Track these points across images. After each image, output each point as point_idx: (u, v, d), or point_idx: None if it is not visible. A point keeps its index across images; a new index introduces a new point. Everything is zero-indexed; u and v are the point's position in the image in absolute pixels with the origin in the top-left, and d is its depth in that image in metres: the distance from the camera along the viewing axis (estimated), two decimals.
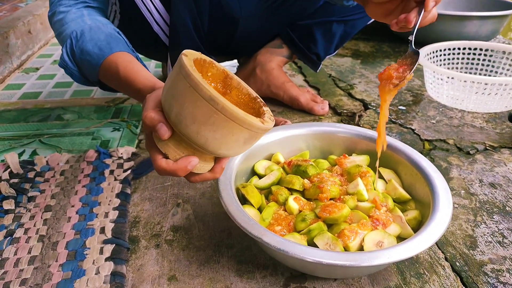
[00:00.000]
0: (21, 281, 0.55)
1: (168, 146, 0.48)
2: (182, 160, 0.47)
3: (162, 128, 0.46)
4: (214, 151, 0.46)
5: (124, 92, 0.66)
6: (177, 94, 0.44)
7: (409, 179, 0.65)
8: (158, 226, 0.66)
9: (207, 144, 0.45)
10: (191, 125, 0.44)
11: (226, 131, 0.44)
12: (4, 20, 1.42)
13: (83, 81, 0.71)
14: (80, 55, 0.65)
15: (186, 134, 0.45)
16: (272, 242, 0.48)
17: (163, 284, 0.55)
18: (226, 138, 0.44)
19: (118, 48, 0.63)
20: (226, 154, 0.47)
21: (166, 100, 0.46)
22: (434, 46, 1.17)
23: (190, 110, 0.43)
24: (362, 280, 0.56)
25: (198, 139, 0.44)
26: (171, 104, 0.45)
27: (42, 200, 0.70)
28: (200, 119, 0.43)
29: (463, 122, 0.99)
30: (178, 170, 0.47)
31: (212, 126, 0.43)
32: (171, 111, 0.45)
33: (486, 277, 0.57)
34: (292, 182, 0.63)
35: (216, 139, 0.44)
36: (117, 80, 0.62)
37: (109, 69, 0.62)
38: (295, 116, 1.02)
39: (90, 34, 0.64)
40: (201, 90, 0.42)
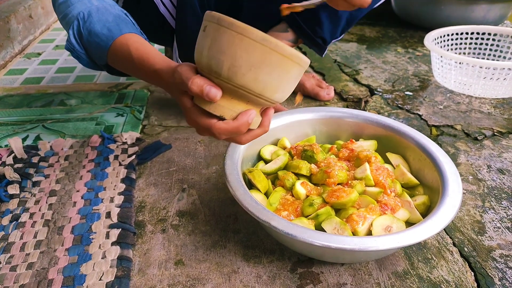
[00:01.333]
0: (27, 265, 0.55)
1: (221, 106, 0.46)
2: (241, 115, 0.46)
3: (213, 89, 0.45)
4: (271, 96, 0.46)
5: (134, 73, 0.63)
6: (225, 47, 0.43)
7: (417, 164, 0.64)
8: (164, 211, 0.65)
9: (265, 89, 0.44)
10: (247, 73, 0.43)
11: (281, 70, 0.44)
12: (5, 5, 1.40)
13: (90, 65, 0.69)
14: (88, 37, 0.63)
15: (244, 84, 0.44)
16: (280, 226, 0.48)
17: (170, 268, 0.55)
18: (282, 77, 0.44)
19: (128, 30, 0.61)
20: (281, 98, 0.47)
21: (212, 58, 0.44)
22: (441, 31, 1.15)
23: (244, 58, 0.42)
24: (370, 265, 0.56)
25: (256, 86, 0.44)
26: (219, 59, 0.43)
27: (47, 185, 0.70)
28: (256, 63, 0.43)
29: (470, 107, 0.98)
30: (241, 126, 0.46)
31: (268, 68, 0.43)
32: (222, 66, 0.43)
33: (495, 262, 0.56)
34: (299, 167, 0.62)
35: (273, 80, 0.44)
36: (128, 62, 0.59)
37: (120, 50, 0.60)
38: None
39: (98, 15, 0.62)
40: (251, 33, 0.42)
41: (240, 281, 0.53)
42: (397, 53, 1.33)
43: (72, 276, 0.53)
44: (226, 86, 0.45)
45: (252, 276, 0.54)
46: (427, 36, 1.09)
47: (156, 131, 0.88)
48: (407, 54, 1.33)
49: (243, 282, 0.53)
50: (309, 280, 0.53)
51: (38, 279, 0.53)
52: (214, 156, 0.79)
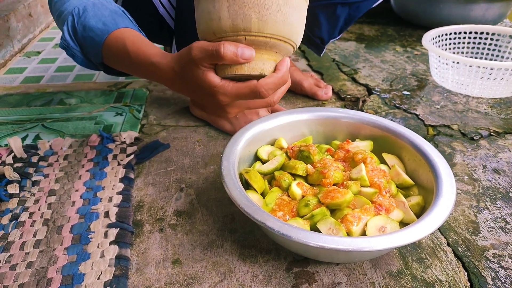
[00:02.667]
0: (27, 264, 0.55)
1: (256, 64, 0.46)
2: (280, 64, 0.46)
3: (246, 49, 0.44)
4: (296, 39, 0.47)
5: (129, 68, 0.61)
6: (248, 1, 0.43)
7: (412, 165, 0.65)
8: (161, 211, 0.66)
9: (292, 32, 0.45)
10: (277, 17, 0.43)
11: (300, 9, 0.45)
12: (5, 3, 1.41)
13: (85, 63, 0.67)
14: (82, 32, 0.61)
15: (275, 31, 0.44)
16: (275, 227, 0.49)
17: (167, 267, 0.56)
18: (301, 16, 0.46)
19: (124, 24, 0.60)
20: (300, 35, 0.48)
21: (237, 15, 0.43)
22: (439, 30, 1.15)
23: (270, 3, 0.43)
24: (364, 264, 0.56)
25: (286, 30, 0.45)
26: (245, 14, 0.43)
27: (46, 185, 0.71)
28: (281, 6, 0.43)
29: (467, 107, 0.99)
30: (285, 75, 0.47)
31: (291, 9, 0.44)
32: (251, 20, 0.43)
33: (488, 262, 0.57)
34: (295, 167, 0.62)
35: (296, 22, 0.45)
36: (124, 56, 0.58)
37: (115, 44, 0.58)
38: (298, 101, 1.01)
39: (93, 10, 0.61)
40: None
41: (237, 280, 0.54)
42: (396, 52, 1.34)
43: (71, 275, 0.54)
44: (257, 40, 0.44)
45: (248, 275, 0.55)
46: (425, 35, 1.09)
47: (154, 131, 0.88)
48: (406, 53, 1.33)
49: (240, 281, 0.54)
50: (305, 279, 0.54)
51: (37, 278, 0.53)
52: (212, 156, 0.80)
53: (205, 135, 0.86)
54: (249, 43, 0.44)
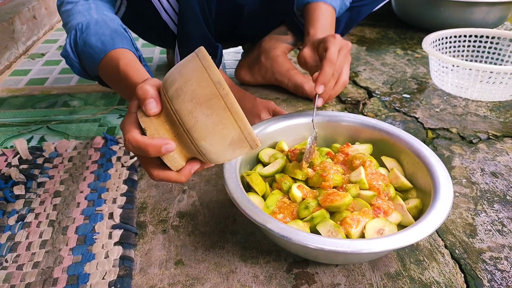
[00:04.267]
0: (33, 264, 0.57)
1: (151, 122, 0.46)
2: (159, 139, 0.44)
3: (153, 103, 0.44)
4: (197, 140, 0.44)
5: (118, 89, 0.64)
6: (186, 71, 0.44)
7: (411, 168, 0.66)
8: (164, 212, 0.67)
9: (195, 128, 0.44)
10: (188, 102, 0.43)
11: (219, 121, 0.43)
12: (9, 6, 1.42)
13: (82, 74, 0.71)
14: (82, 47, 0.65)
15: (179, 110, 0.44)
16: (276, 229, 0.50)
17: (170, 268, 0.57)
18: (216, 128, 0.44)
19: (121, 45, 0.63)
20: (206, 149, 0.45)
21: (171, 75, 0.45)
22: (439, 34, 1.16)
23: (193, 87, 0.43)
24: (363, 266, 0.58)
25: (189, 120, 0.43)
26: (175, 78, 0.44)
27: (51, 186, 0.72)
28: (200, 98, 0.43)
29: (467, 110, 1.00)
30: (150, 147, 0.44)
31: (208, 110, 0.43)
32: (172, 85, 0.44)
33: (485, 264, 0.58)
34: (295, 171, 0.64)
35: (205, 125, 0.43)
36: (115, 75, 0.60)
37: (109, 63, 0.61)
38: (300, 103, 1.03)
39: (95, 28, 0.64)
40: (212, 71, 0.43)
41: (238, 281, 0.55)
42: (396, 55, 1.35)
43: (76, 275, 0.55)
44: (167, 106, 0.45)
45: (249, 276, 0.56)
46: (425, 39, 1.10)
47: None
48: (406, 56, 1.34)
49: (241, 282, 0.55)
50: (304, 280, 0.55)
51: (43, 277, 0.55)
52: None
53: None
54: (163, 105, 0.46)
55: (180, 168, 0.48)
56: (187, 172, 0.48)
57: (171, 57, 1.24)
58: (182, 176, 0.48)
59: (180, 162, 0.48)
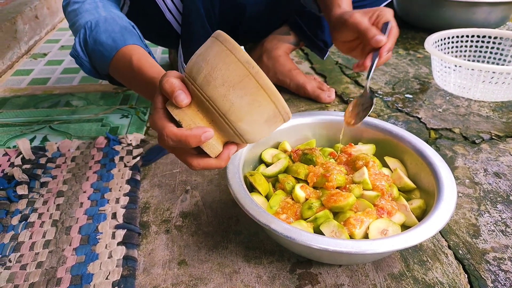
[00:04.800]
0: (36, 264, 0.57)
1: (184, 113, 0.46)
2: (197, 128, 0.44)
3: (182, 94, 0.44)
4: (235, 122, 0.45)
5: (132, 85, 0.64)
6: (211, 57, 0.44)
7: (414, 168, 0.66)
8: (167, 212, 0.67)
9: (231, 111, 0.44)
10: (220, 86, 0.43)
11: (253, 99, 0.43)
12: (11, 5, 1.43)
13: (92, 73, 0.70)
14: (93, 46, 0.64)
15: (212, 96, 0.44)
16: (279, 229, 0.50)
17: (173, 268, 0.57)
18: (252, 107, 0.44)
19: (132, 41, 0.63)
20: (244, 130, 0.45)
21: (195, 63, 0.45)
22: (442, 34, 1.16)
23: (222, 72, 0.43)
24: (367, 266, 0.58)
25: (224, 103, 0.44)
26: (200, 66, 0.44)
27: (55, 186, 0.72)
28: (231, 81, 0.43)
29: (469, 111, 0.99)
30: (191, 137, 0.44)
31: (241, 91, 0.43)
32: (200, 73, 0.44)
33: (488, 265, 0.58)
34: (298, 172, 0.64)
35: (241, 107, 0.44)
36: (128, 72, 0.61)
37: (122, 60, 0.61)
38: (302, 103, 1.03)
39: (105, 25, 0.64)
40: (238, 53, 0.43)
41: (241, 281, 0.55)
42: (398, 55, 1.35)
43: (79, 275, 0.55)
44: (197, 95, 0.45)
45: (253, 276, 0.56)
46: (428, 39, 1.10)
47: None
48: (408, 56, 1.34)
49: (244, 282, 0.55)
50: (308, 280, 0.55)
51: (47, 277, 0.55)
52: None
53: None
54: (192, 94, 0.46)
55: (218, 153, 0.49)
56: (225, 156, 0.49)
57: (173, 57, 1.24)
58: (222, 161, 0.49)
59: (218, 148, 0.48)
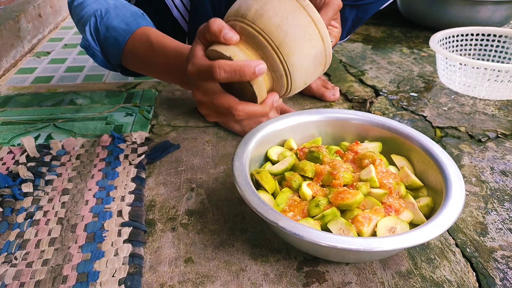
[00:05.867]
0: (42, 262, 0.57)
1: (234, 49, 0.45)
2: (252, 60, 0.44)
3: (231, 31, 0.44)
4: (288, 55, 0.44)
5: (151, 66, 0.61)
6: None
7: (421, 166, 0.66)
8: (173, 210, 0.67)
9: (285, 42, 0.44)
10: (274, 17, 0.43)
11: (306, 32, 0.44)
12: (15, 4, 1.43)
13: (104, 63, 0.69)
14: (105, 33, 0.63)
15: (265, 28, 0.44)
16: (287, 227, 0.50)
17: (180, 265, 0.57)
18: (304, 39, 0.44)
19: (145, 23, 0.62)
20: (295, 65, 0.45)
21: (242, 3, 0.45)
22: (446, 32, 1.16)
23: (274, 5, 0.43)
24: (374, 264, 0.57)
25: (278, 34, 0.44)
26: (250, 4, 0.44)
27: (60, 184, 0.72)
28: (285, 12, 0.43)
29: (475, 109, 0.99)
30: (246, 67, 0.43)
31: (295, 21, 0.43)
32: (250, 9, 0.44)
33: (496, 263, 0.58)
34: (304, 169, 0.63)
35: (295, 37, 0.44)
36: (147, 51, 0.58)
37: (138, 41, 0.59)
38: (306, 102, 1.02)
39: (115, 11, 0.63)
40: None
41: (248, 279, 0.55)
42: (402, 54, 1.34)
43: (86, 273, 0.55)
44: (248, 31, 0.45)
45: (260, 274, 0.56)
46: (433, 37, 1.10)
47: (164, 131, 0.89)
48: (412, 54, 1.34)
49: (251, 280, 0.55)
50: (315, 278, 0.55)
51: (53, 275, 0.55)
52: (222, 156, 0.81)
53: (214, 136, 0.88)
54: (241, 31, 0.45)
55: (264, 98, 0.48)
56: (270, 102, 0.48)
57: None
58: (267, 107, 0.48)
59: (265, 91, 0.47)
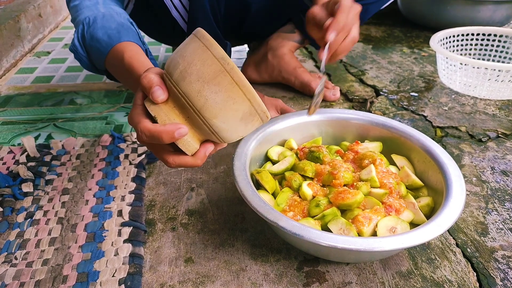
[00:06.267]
0: (43, 261, 0.57)
1: (160, 109, 0.46)
2: (171, 124, 0.44)
3: (159, 90, 0.44)
4: (209, 119, 0.44)
5: (125, 82, 0.64)
6: (187, 53, 0.44)
7: (421, 166, 0.66)
8: (173, 210, 0.67)
9: (205, 107, 0.44)
10: (195, 82, 0.43)
11: (228, 96, 0.43)
12: (15, 4, 1.42)
13: (90, 68, 0.71)
14: (90, 41, 0.65)
15: (187, 92, 0.44)
16: (287, 226, 0.50)
17: (180, 265, 0.57)
18: (226, 104, 0.44)
19: (127, 38, 0.63)
20: (219, 127, 0.45)
21: (173, 59, 0.45)
22: (447, 32, 1.16)
23: (197, 67, 0.43)
24: (374, 264, 0.57)
25: (198, 99, 0.43)
26: (177, 62, 0.44)
27: (60, 183, 0.72)
28: (206, 77, 0.43)
29: (475, 109, 0.99)
30: (164, 133, 0.44)
31: (216, 87, 0.43)
32: (176, 69, 0.44)
33: (497, 263, 0.57)
34: (305, 169, 0.63)
35: (216, 103, 0.43)
36: (120, 69, 0.61)
37: (115, 57, 0.61)
38: (306, 102, 1.02)
39: (102, 22, 0.64)
40: (214, 49, 0.43)
41: (248, 278, 0.55)
42: (403, 53, 1.34)
43: (86, 273, 0.55)
44: (174, 91, 0.45)
45: (260, 274, 0.56)
46: (433, 37, 1.09)
47: None
48: (413, 54, 1.34)
49: (251, 279, 0.55)
50: (315, 278, 0.55)
51: (53, 275, 0.55)
52: (222, 156, 0.81)
53: None
54: (169, 90, 0.46)
55: (195, 151, 0.48)
56: (202, 155, 0.48)
57: None
58: (198, 160, 0.48)
59: (194, 146, 0.48)
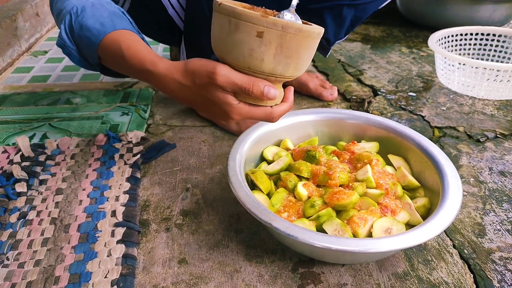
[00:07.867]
0: (35, 262, 0.56)
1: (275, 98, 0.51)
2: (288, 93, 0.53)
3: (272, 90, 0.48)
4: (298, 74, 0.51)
5: (125, 72, 0.61)
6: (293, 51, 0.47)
7: (418, 166, 0.65)
8: (168, 210, 0.66)
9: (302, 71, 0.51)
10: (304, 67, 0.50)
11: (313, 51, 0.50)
12: (12, 3, 1.42)
13: (81, 63, 0.65)
14: (79, 32, 0.60)
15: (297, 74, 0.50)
16: (281, 227, 0.49)
17: (173, 267, 0.56)
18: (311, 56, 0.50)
19: (122, 25, 0.58)
20: None
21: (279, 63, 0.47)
22: (445, 32, 1.15)
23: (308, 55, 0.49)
24: (370, 265, 0.56)
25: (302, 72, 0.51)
26: (287, 63, 0.47)
27: (54, 183, 0.71)
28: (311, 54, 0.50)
29: (473, 109, 0.98)
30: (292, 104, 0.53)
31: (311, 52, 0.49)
32: (289, 68, 0.48)
33: (494, 264, 0.57)
34: (300, 169, 0.63)
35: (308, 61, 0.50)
36: (119, 59, 0.57)
37: (111, 47, 0.58)
38: (304, 101, 1.02)
39: (92, 10, 0.60)
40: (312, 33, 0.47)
41: (242, 280, 0.54)
42: (401, 53, 1.34)
43: (78, 274, 0.54)
44: (283, 81, 0.50)
45: (254, 275, 0.55)
46: (431, 37, 1.09)
47: (160, 130, 0.89)
48: (412, 54, 1.33)
49: (245, 281, 0.54)
50: (310, 280, 0.54)
51: (45, 276, 0.54)
52: (218, 156, 0.80)
53: (211, 135, 0.87)
54: (275, 82, 0.50)
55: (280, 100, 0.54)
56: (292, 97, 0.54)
57: (175, 55, 1.23)
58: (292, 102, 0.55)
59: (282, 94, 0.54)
